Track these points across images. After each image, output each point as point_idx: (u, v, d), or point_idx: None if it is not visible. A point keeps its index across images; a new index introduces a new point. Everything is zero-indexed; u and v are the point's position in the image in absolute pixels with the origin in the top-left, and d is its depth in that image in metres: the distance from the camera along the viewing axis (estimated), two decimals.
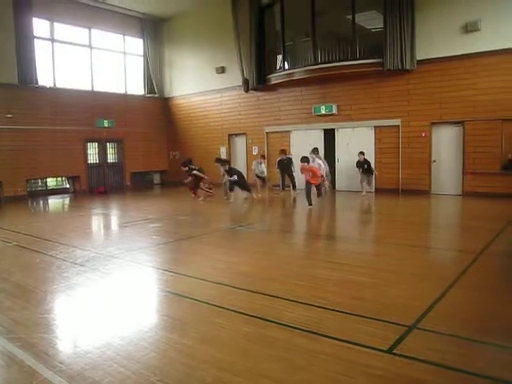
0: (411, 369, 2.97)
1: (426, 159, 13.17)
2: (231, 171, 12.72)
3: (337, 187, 15.11)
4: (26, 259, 6.55)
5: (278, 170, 14.25)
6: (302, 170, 11.04)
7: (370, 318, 3.82)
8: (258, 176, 14.53)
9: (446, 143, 13.01)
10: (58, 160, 16.26)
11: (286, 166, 13.83)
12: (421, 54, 12.84)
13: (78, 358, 3.25)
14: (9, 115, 14.76)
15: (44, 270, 5.87)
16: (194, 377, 2.94)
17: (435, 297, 4.30)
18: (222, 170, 13.00)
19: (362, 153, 13.14)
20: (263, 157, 15.34)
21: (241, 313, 4.05)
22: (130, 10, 18.37)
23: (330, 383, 2.83)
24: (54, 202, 15.24)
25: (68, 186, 17.44)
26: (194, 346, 3.41)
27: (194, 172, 13.61)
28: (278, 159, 14.10)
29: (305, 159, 10.94)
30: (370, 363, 3.03)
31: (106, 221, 10.51)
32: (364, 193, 13.26)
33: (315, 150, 13.16)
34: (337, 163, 15.11)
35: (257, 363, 3.11)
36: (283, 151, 14.07)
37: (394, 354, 3.15)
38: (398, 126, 13.55)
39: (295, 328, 3.65)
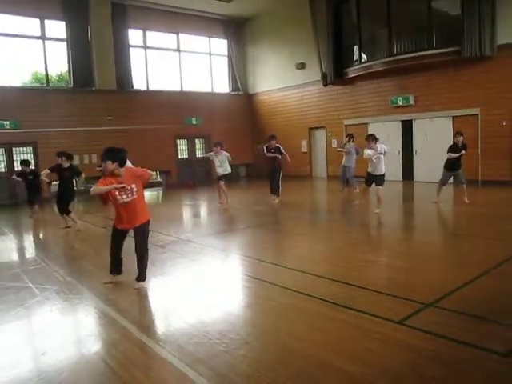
0: (411, 337, 3.44)
1: (508, 149, 12.66)
2: None
3: (415, 179, 15.04)
4: None
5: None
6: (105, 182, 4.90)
7: (395, 296, 4.30)
8: (220, 177, 11.25)
9: None
10: (152, 156, 17.78)
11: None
12: (502, 39, 12.36)
13: (170, 328, 4.18)
14: (109, 117, 16.69)
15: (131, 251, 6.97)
16: (235, 332, 3.72)
17: (464, 281, 4.62)
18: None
19: (459, 133, 9.79)
20: (220, 145, 11.28)
21: (284, 287, 4.74)
22: (215, 13, 19.58)
23: (338, 342, 3.44)
24: (147, 194, 16.92)
25: (161, 179, 19.13)
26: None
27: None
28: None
29: (108, 156, 4.75)
30: (377, 330, 3.57)
31: (188, 210, 11.65)
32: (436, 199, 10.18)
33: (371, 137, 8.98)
34: (415, 155, 15.03)
35: (285, 324, 3.83)
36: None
37: (402, 325, 3.65)
38: (477, 115, 13.18)
39: (325, 301, 4.27)
